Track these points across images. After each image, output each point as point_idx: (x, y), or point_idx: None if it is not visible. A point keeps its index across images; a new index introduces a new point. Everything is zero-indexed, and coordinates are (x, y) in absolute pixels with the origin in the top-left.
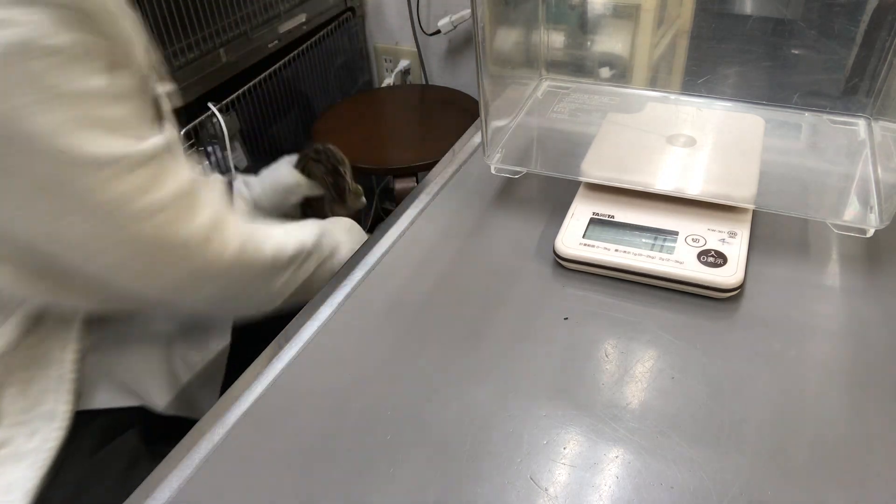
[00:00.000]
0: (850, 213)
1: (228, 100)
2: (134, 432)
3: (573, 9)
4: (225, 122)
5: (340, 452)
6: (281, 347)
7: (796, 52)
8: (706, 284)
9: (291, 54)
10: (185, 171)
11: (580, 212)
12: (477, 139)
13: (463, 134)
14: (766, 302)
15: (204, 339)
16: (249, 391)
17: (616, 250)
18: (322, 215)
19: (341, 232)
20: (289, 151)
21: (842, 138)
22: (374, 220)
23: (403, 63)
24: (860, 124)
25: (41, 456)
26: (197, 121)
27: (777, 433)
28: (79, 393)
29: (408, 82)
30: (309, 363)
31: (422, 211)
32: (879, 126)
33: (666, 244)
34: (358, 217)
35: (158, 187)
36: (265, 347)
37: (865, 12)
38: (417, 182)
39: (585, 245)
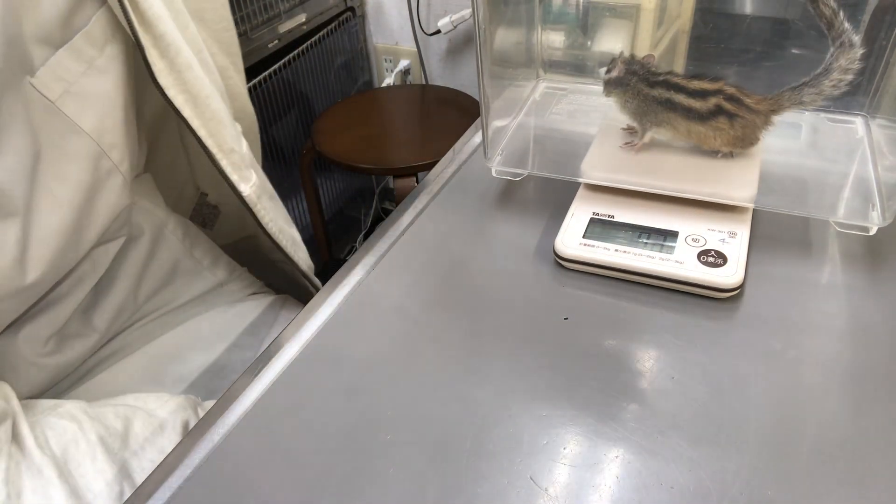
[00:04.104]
0: (853, 211)
1: None
2: None
3: (572, 9)
4: None
5: (340, 452)
6: (281, 347)
7: (796, 52)
8: (706, 284)
9: (291, 54)
10: None
11: (580, 212)
12: (477, 139)
13: (463, 134)
14: (766, 302)
15: None
16: (249, 391)
17: (616, 250)
18: None
19: None
20: (289, 151)
21: (840, 136)
22: (374, 220)
23: (403, 63)
24: (857, 122)
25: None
26: None
27: (777, 433)
28: None
29: (408, 82)
30: (309, 363)
31: (422, 211)
32: (876, 123)
33: (666, 244)
34: None
35: None
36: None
37: (865, 12)
38: (417, 182)
39: (585, 245)
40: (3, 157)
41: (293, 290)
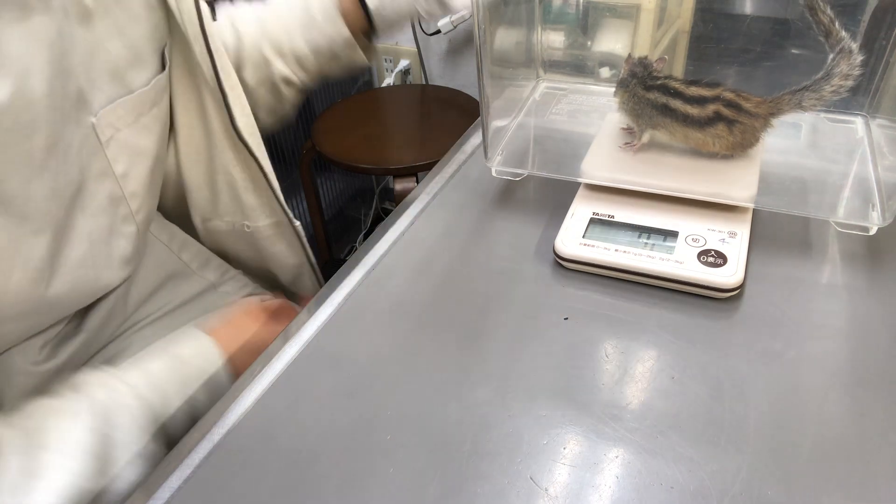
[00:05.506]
0: (853, 211)
1: None
2: None
3: (572, 9)
4: None
5: (340, 452)
6: (281, 347)
7: (796, 52)
8: (706, 284)
9: None
10: None
11: (580, 212)
12: (477, 139)
13: (463, 134)
14: (766, 302)
15: None
16: (249, 391)
17: (616, 250)
18: None
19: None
20: (289, 151)
21: (840, 136)
22: (374, 220)
23: (403, 63)
24: (857, 122)
25: None
26: None
27: (777, 433)
28: None
29: (408, 82)
30: (309, 363)
31: (422, 211)
32: (876, 124)
33: (666, 244)
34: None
35: None
36: None
37: (865, 12)
38: (417, 182)
39: (585, 245)
40: (48, 175)
41: (291, 290)
